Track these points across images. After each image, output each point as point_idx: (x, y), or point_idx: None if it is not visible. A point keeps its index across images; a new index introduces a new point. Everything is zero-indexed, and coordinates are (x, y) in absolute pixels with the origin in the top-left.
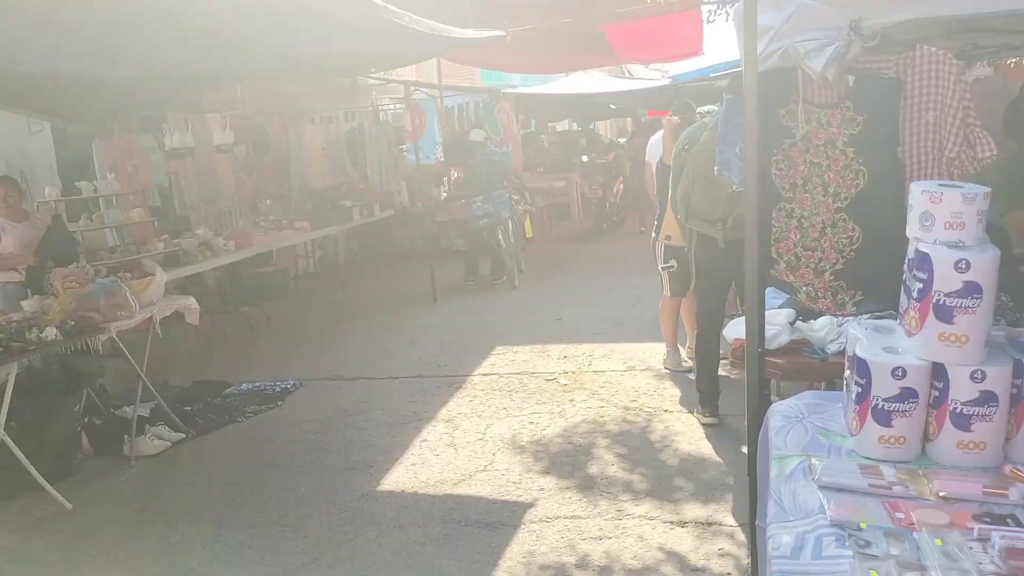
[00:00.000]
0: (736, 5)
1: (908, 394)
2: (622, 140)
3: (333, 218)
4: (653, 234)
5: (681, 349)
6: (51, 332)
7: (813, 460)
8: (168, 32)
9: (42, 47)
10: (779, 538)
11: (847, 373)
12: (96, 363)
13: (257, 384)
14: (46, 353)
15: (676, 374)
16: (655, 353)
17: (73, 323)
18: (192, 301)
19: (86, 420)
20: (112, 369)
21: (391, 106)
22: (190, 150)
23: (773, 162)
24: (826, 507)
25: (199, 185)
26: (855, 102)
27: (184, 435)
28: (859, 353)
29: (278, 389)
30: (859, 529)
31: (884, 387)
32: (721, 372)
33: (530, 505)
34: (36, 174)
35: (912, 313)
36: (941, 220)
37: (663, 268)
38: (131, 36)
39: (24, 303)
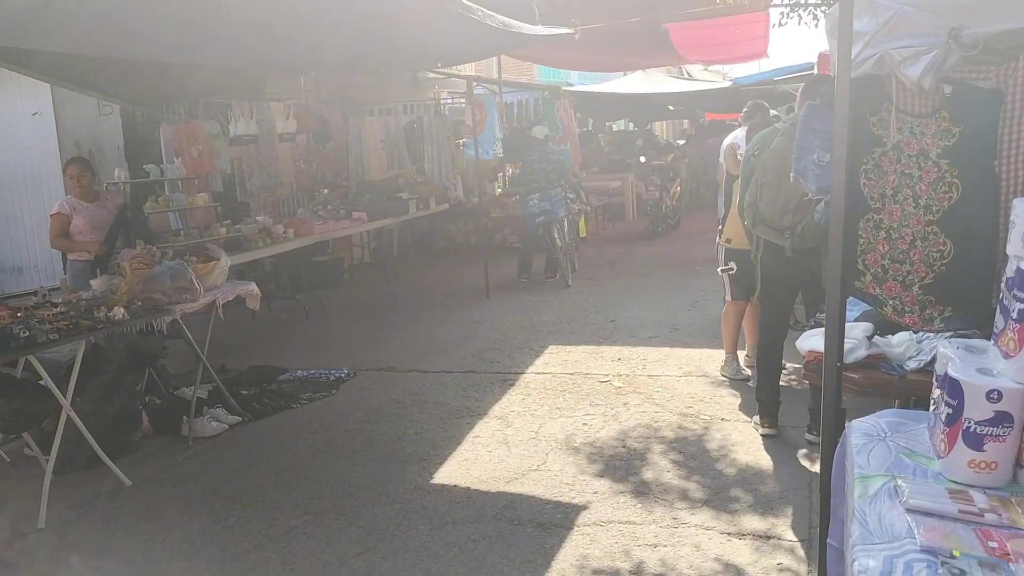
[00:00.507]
0: (830, 9)
1: (1003, 418)
2: (680, 142)
3: (389, 210)
4: (717, 238)
5: (740, 355)
6: (119, 312)
7: (899, 481)
8: (240, 21)
9: (112, 32)
10: (865, 561)
11: (936, 393)
12: (158, 344)
13: (312, 371)
14: (112, 332)
15: (734, 382)
16: (711, 359)
17: (140, 303)
18: (254, 287)
19: (147, 399)
20: (172, 350)
21: (450, 100)
22: (253, 137)
23: (862, 171)
24: (915, 532)
25: (260, 172)
26: (952, 112)
27: (241, 419)
28: (951, 373)
29: (332, 377)
30: (952, 557)
31: (977, 410)
32: (781, 383)
33: (583, 507)
34: (104, 155)
35: (1010, 334)
36: None
37: (722, 271)
38: (202, 23)
39: (93, 282)
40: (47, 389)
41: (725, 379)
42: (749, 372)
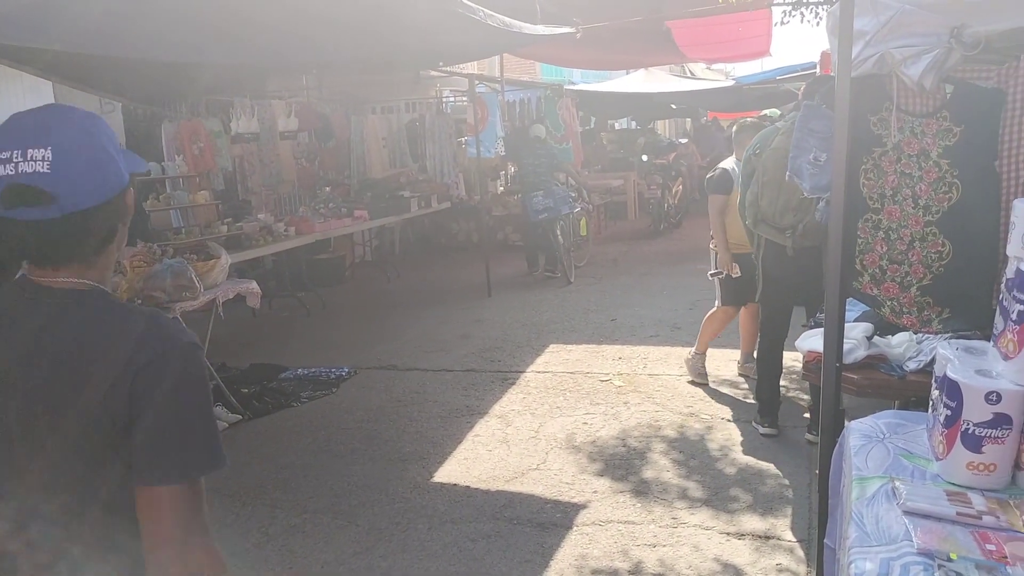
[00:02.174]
0: (831, 7)
1: (1001, 420)
2: (683, 140)
3: (391, 208)
4: (710, 242)
5: (736, 363)
6: None
7: (897, 483)
8: (244, 21)
9: (115, 31)
10: (862, 563)
11: (935, 394)
12: None
13: (312, 370)
14: None
15: (735, 382)
16: (712, 359)
17: (139, 301)
18: (254, 285)
19: None
20: None
21: (452, 99)
22: (255, 135)
23: (862, 171)
24: (912, 534)
25: (262, 170)
26: (953, 112)
27: (240, 417)
28: (950, 375)
29: (333, 376)
30: (949, 560)
31: (976, 411)
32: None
33: (583, 507)
34: None
35: (1010, 336)
36: None
37: (712, 275)
38: (205, 22)
39: None
40: None
41: (724, 379)
42: (705, 379)
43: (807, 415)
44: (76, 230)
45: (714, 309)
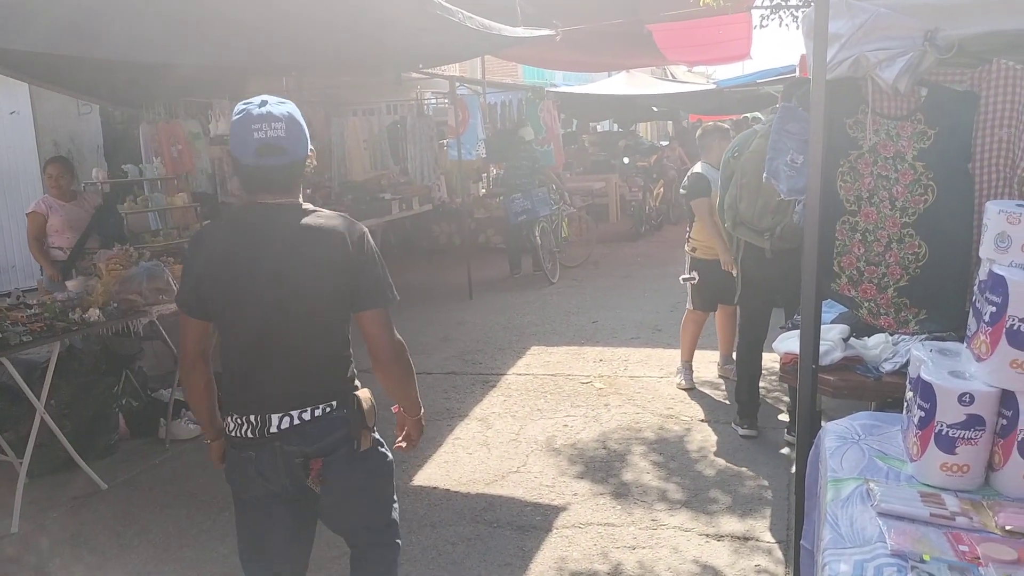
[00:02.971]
0: (807, 11)
1: (975, 421)
2: (664, 143)
3: (372, 210)
4: (685, 245)
5: (715, 364)
6: (94, 313)
7: (871, 485)
8: (223, 21)
9: (92, 31)
10: (836, 566)
11: (909, 395)
12: (135, 345)
13: None
14: (87, 334)
15: (714, 384)
16: (692, 361)
17: (115, 305)
18: None
19: (123, 402)
20: (150, 352)
21: (434, 101)
22: None
23: (838, 174)
24: (886, 536)
25: None
26: (927, 115)
27: None
28: (924, 376)
29: None
30: (922, 561)
31: (949, 413)
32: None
33: (563, 509)
34: (83, 155)
35: (982, 337)
36: (1019, 242)
37: (684, 279)
38: (184, 23)
39: (68, 283)
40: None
41: (705, 381)
42: (688, 383)
43: (785, 416)
44: (295, 170)
45: (685, 315)
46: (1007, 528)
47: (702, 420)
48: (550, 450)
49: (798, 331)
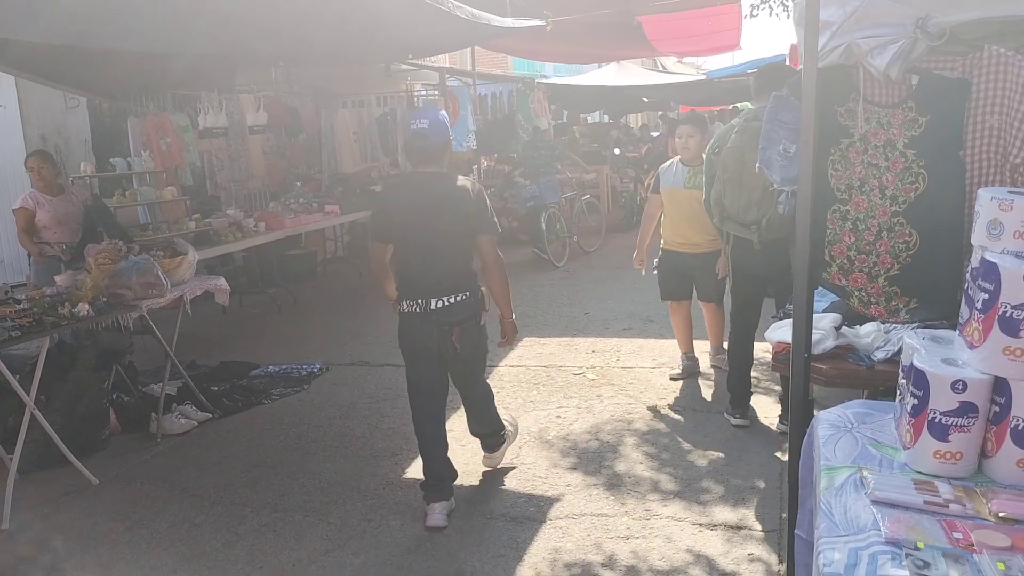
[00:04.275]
0: None
1: (967, 408)
2: (655, 134)
3: (363, 203)
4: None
5: (707, 355)
6: (83, 308)
7: (865, 473)
8: (211, 11)
9: (80, 21)
10: (830, 554)
11: (901, 383)
12: (126, 340)
13: (283, 367)
14: (77, 329)
15: (705, 374)
16: (692, 351)
17: (105, 299)
18: (223, 282)
19: (114, 397)
20: (140, 347)
21: (424, 92)
22: (223, 130)
23: (829, 162)
24: (880, 523)
25: (231, 165)
26: (918, 102)
27: (210, 415)
28: (917, 364)
29: (304, 372)
30: (916, 548)
31: (942, 400)
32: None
33: (556, 500)
34: (71, 149)
35: (975, 324)
36: (1011, 229)
37: (654, 271)
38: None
39: (57, 278)
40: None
41: (697, 371)
42: (684, 372)
43: (777, 406)
44: (437, 149)
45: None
46: (1000, 515)
47: (695, 410)
48: (543, 442)
49: (790, 320)
